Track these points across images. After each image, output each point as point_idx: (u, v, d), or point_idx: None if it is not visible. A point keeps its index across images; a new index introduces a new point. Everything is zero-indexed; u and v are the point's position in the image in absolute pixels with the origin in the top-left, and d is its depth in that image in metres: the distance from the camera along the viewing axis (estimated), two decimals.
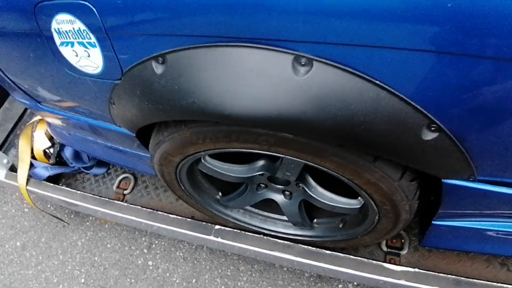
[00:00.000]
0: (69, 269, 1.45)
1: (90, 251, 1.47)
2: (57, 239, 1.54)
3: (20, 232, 1.61)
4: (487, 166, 0.59)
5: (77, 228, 1.55)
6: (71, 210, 1.58)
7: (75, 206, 1.25)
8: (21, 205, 1.70)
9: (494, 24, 0.39)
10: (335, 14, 0.43)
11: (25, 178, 1.28)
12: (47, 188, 1.28)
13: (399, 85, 0.48)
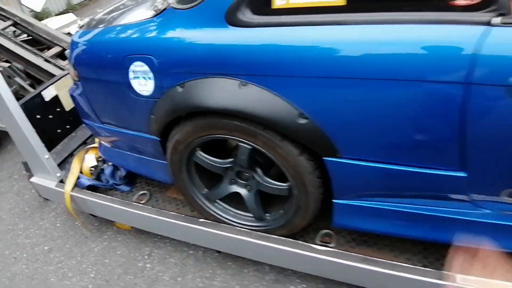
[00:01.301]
0: (83, 267, 1.92)
1: (103, 255, 1.96)
2: (78, 246, 2.05)
3: (50, 240, 2.12)
4: (349, 147, 1.16)
5: (96, 239, 2.06)
6: (94, 225, 2.11)
7: (103, 207, 1.81)
8: (55, 221, 2.26)
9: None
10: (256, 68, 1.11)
11: (71, 186, 1.89)
12: (86, 193, 1.87)
13: (285, 93, 1.13)
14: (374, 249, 1.45)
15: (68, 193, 1.85)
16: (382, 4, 0.99)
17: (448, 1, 0.94)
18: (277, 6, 1.09)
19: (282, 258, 1.47)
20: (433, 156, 1.07)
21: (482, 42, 0.89)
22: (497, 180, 1.07)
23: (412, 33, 0.96)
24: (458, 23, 0.92)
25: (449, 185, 1.12)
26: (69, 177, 1.87)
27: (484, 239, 1.14)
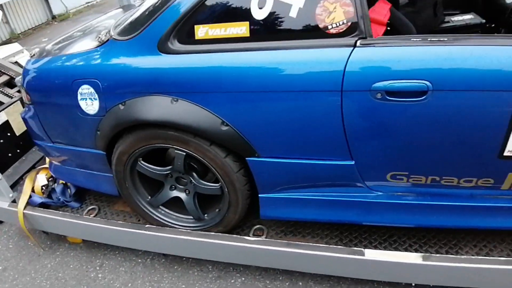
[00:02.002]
0: (37, 282, 2.04)
1: (56, 270, 2.08)
2: (32, 263, 2.16)
3: (3, 260, 2.22)
4: (266, 148, 1.46)
5: (49, 256, 2.19)
6: (46, 244, 2.24)
7: (55, 222, 1.97)
8: (7, 243, 2.36)
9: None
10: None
11: (24, 204, 2.04)
12: (38, 211, 2.03)
13: (208, 106, 1.41)
14: (299, 237, 1.73)
15: (21, 211, 1.99)
16: (276, 35, 1.32)
17: (325, 30, 1.28)
18: (199, 37, 1.40)
19: (221, 253, 1.70)
20: (328, 149, 1.39)
21: (349, 59, 1.23)
22: (378, 165, 1.40)
23: (300, 55, 1.29)
24: (332, 47, 1.27)
25: (344, 173, 1.43)
26: (21, 196, 2.02)
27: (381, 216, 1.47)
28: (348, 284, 1.71)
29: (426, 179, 1.40)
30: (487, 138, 1.25)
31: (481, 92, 1.18)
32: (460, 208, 1.45)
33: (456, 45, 1.21)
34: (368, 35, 1.24)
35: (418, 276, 1.53)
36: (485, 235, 1.63)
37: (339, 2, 1.24)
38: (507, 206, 1.42)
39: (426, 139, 1.29)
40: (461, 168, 1.34)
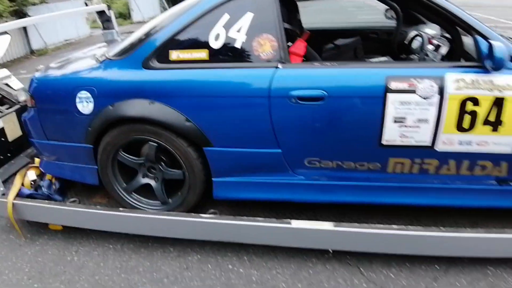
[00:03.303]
0: (18, 266, 2.47)
1: (36, 256, 2.52)
2: (13, 252, 2.59)
3: None
4: (218, 140, 2.10)
5: (29, 245, 2.65)
6: (27, 236, 2.71)
7: (41, 210, 2.49)
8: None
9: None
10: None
11: (13, 195, 2.56)
12: (26, 200, 2.55)
13: (176, 106, 2.07)
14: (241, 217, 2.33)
15: (11, 201, 2.50)
16: (227, 58, 2.03)
17: (258, 56, 2.01)
18: (172, 59, 2.09)
19: (180, 229, 2.23)
20: (262, 140, 2.05)
21: (274, 76, 1.95)
22: (298, 152, 2.07)
23: (242, 72, 2.00)
24: (263, 67, 1.99)
25: (274, 159, 2.09)
26: (12, 188, 2.54)
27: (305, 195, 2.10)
28: (283, 257, 2.21)
29: (332, 163, 2.08)
30: (368, 131, 1.95)
31: (359, 98, 1.90)
32: (361, 187, 2.11)
33: (343, 68, 1.96)
34: (286, 61, 1.98)
35: (332, 242, 2.11)
36: (385, 209, 2.29)
37: (268, 39, 1.99)
38: (396, 186, 2.08)
39: (327, 132, 1.98)
40: (355, 154, 2.03)
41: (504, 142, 1.94)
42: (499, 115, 1.87)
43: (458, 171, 2.04)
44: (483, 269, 2.04)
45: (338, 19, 12.56)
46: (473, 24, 1.93)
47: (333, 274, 2.05)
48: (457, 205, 2.15)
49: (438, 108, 1.87)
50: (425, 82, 1.85)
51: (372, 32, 3.24)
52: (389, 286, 1.96)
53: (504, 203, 2.11)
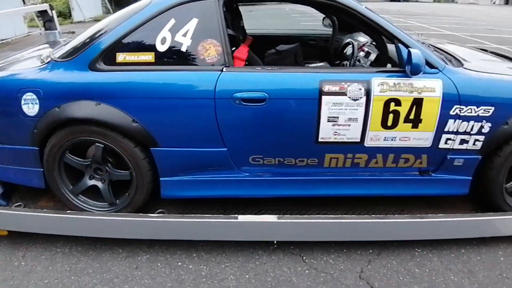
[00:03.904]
0: None
1: None
2: None
3: None
4: (165, 140, 2.18)
5: None
6: None
7: None
8: None
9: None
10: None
11: None
12: None
13: (122, 107, 2.12)
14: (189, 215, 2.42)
15: None
16: (173, 61, 2.12)
17: (204, 60, 2.12)
18: (118, 61, 2.15)
19: (129, 229, 2.26)
20: (208, 140, 2.17)
21: (219, 79, 2.07)
22: (242, 150, 2.20)
23: (188, 75, 2.11)
24: (208, 71, 2.11)
25: (220, 157, 2.21)
26: None
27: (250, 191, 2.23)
28: (231, 251, 2.31)
29: (275, 160, 2.24)
30: (306, 130, 2.14)
31: (297, 99, 2.08)
32: (301, 181, 2.29)
33: (282, 72, 2.13)
34: (230, 65, 2.11)
35: (276, 233, 2.27)
36: (323, 201, 2.49)
37: (212, 44, 2.11)
38: (332, 178, 2.29)
39: (269, 131, 2.14)
40: (294, 151, 2.21)
41: (424, 137, 2.21)
42: (419, 113, 2.13)
43: (385, 164, 2.29)
44: (411, 251, 2.29)
45: (282, 24, 12.97)
46: (395, 33, 2.18)
47: (278, 264, 2.19)
48: (386, 194, 2.41)
49: (366, 108, 2.09)
50: (354, 85, 2.07)
51: (311, 39, 3.48)
52: (329, 271, 2.14)
53: (426, 191, 2.40)
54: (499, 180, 2.34)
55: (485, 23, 18.85)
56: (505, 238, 2.38)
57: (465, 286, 2.06)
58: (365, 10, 2.17)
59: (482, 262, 2.23)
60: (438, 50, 2.63)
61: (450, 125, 2.17)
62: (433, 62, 2.16)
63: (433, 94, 2.10)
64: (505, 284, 2.07)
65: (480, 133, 2.22)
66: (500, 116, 2.19)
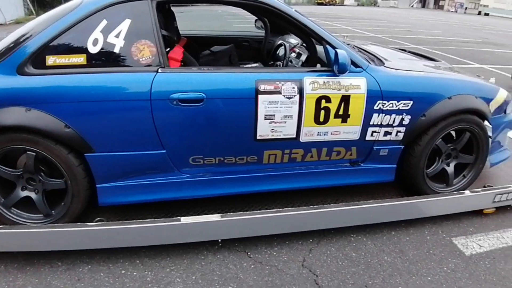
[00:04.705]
0: None
1: None
2: None
3: None
4: (100, 145, 2.13)
5: None
6: None
7: None
8: None
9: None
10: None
11: None
12: None
13: (54, 113, 2.04)
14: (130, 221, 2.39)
15: None
16: (106, 63, 2.08)
17: (138, 61, 2.11)
18: (48, 64, 2.06)
19: (67, 240, 2.17)
20: (146, 142, 2.16)
21: (154, 80, 2.07)
22: (181, 151, 2.22)
23: (123, 76, 2.08)
24: (143, 72, 2.10)
25: (159, 160, 2.21)
26: None
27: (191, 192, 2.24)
28: (175, 254, 2.31)
29: (215, 159, 2.29)
30: (244, 128, 2.21)
31: (234, 99, 2.15)
32: (242, 178, 2.36)
33: (219, 72, 2.19)
34: (166, 66, 2.13)
35: (220, 232, 2.32)
36: (264, 197, 2.58)
37: (146, 45, 2.11)
38: (271, 174, 2.39)
39: (208, 131, 2.19)
40: (234, 149, 2.28)
41: (352, 131, 2.39)
42: (347, 109, 2.31)
43: (319, 158, 2.45)
44: (347, 237, 2.47)
45: (215, 26, 13.03)
46: (323, 35, 2.34)
47: (223, 262, 2.24)
48: (322, 185, 2.58)
49: (299, 105, 2.23)
50: (288, 84, 2.19)
51: (245, 41, 3.58)
52: (274, 263, 2.23)
53: (357, 180, 2.61)
54: (420, 166, 2.60)
55: (404, 25, 20.49)
56: (430, 219, 2.66)
57: (398, 264, 2.27)
58: (294, 13, 2.30)
59: (411, 241, 2.47)
60: (361, 51, 2.85)
61: (374, 118, 2.37)
62: (357, 62, 2.35)
63: (358, 91, 2.29)
64: (432, 260, 2.32)
65: (402, 125, 2.45)
66: (418, 109, 2.44)
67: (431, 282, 2.16)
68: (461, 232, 2.60)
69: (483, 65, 9.64)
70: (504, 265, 2.32)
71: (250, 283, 2.08)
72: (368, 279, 2.15)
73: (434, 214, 2.63)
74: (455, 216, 2.72)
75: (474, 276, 2.22)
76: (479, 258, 2.37)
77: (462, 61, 9.88)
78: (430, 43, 13.26)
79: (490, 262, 2.34)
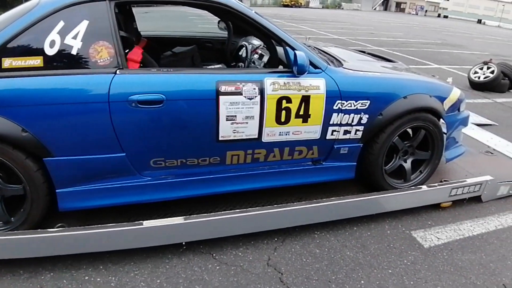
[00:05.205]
0: None
1: None
2: None
3: None
4: (59, 149, 2.07)
5: None
6: None
7: None
8: None
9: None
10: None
11: None
12: None
13: (10, 116, 1.96)
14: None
15: None
16: (64, 65, 2.03)
17: (96, 63, 2.08)
18: (4, 66, 1.99)
19: (28, 248, 2.10)
20: (105, 145, 2.13)
21: (112, 81, 2.05)
22: (142, 154, 2.21)
23: (81, 78, 2.04)
24: (101, 73, 2.07)
25: (119, 163, 2.19)
26: None
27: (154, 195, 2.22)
28: (139, 258, 2.29)
29: (177, 162, 2.29)
30: (206, 129, 2.23)
31: (195, 100, 2.16)
32: (205, 180, 2.37)
33: (179, 73, 2.19)
34: (124, 67, 2.11)
35: (184, 235, 2.31)
36: (228, 198, 2.60)
37: (104, 46, 2.08)
38: (235, 175, 2.41)
39: (169, 133, 2.18)
40: (196, 151, 2.28)
41: (313, 130, 2.46)
42: (307, 109, 2.37)
43: (282, 157, 2.49)
44: (311, 234, 2.53)
45: (180, 26, 12.93)
46: (283, 37, 2.39)
47: (188, 264, 2.24)
48: (285, 184, 2.63)
49: (261, 106, 2.27)
50: (249, 85, 2.23)
51: (208, 42, 3.59)
52: (239, 263, 2.25)
53: (319, 178, 2.68)
54: (378, 163, 2.70)
55: (367, 28, 21.09)
56: (390, 213, 2.78)
57: (360, 259, 2.35)
58: (254, 15, 2.34)
59: (372, 236, 2.56)
60: (322, 52, 2.93)
61: (334, 118, 2.45)
62: (316, 63, 2.42)
63: (318, 91, 2.36)
64: (392, 253, 2.42)
65: (360, 123, 2.54)
66: (375, 108, 2.54)
67: (392, 275, 2.25)
68: (420, 226, 2.72)
69: (441, 65, 10.09)
70: (461, 256, 2.45)
71: (216, 284, 2.10)
72: (331, 275, 2.22)
73: (394, 209, 2.74)
74: (414, 210, 2.84)
75: (432, 268, 2.33)
76: (437, 250, 2.49)
77: (421, 62, 10.30)
78: (391, 45, 13.74)
79: (448, 253, 2.46)
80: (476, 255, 2.47)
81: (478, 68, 7.28)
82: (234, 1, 2.33)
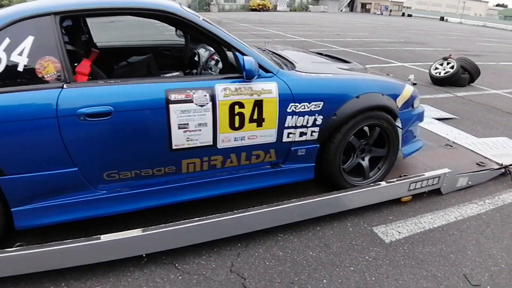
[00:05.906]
0: None
1: None
2: None
3: None
4: (10, 167, 2.02)
5: None
6: None
7: None
8: None
9: None
10: None
11: None
12: None
13: None
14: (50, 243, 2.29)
15: None
16: (10, 82, 1.98)
17: (42, 78, 2.04)
18: None
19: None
20: (56, 161, 2.09)
21: (60, 96, 2.02)
22: (94, 168, 2.18)
23: (28, 95, 1.99)
24: (48, 88, 2.03)
25: (72, 178, 2.15)
26: None
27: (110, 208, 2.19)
28: (101, 273, 2.25)
29: (131, 173, 2.27)
30: (158, 139, 2.22)
31: (144, 110, 2.15)
32: (162, 190, 2.35)
33: (126, 84, 2.18)
34: (71, 81, 2.08)
35: (144, 247, 2.29)
36: (187, 206, 2.60)
37: (50, 61, 2.05)
38: (192, 183, 2.40)
39: (119, 144, 2.17)
40: (150, 161, 2.27)
41: (269, 134, 2.49)
42: (261, 113, 2.40)
43: (239, 162, 2.51)
44: (275, 237, 2.55)
45: (146, 35, 12.82)
46: (232, 42, 2.42)
47: (151, 276, 2.23)
48: (245, 189, 2.64)
49: (213, 113, 2.28)
50: (199, 92, 2.24)
51: (166, 49, 3.58)
52: (202, 272, 2.26)
53: (279, 181, 2.71)
54: (336, 163, 2.76)
55: (333, 29, 21.49)
56: (352, 211, 2.84)
57: (322, 258, 2.38)
58: (201, 21, 2.35)
59: (335, 235, 2.61)
60: (276, 56, 2.97)
61: (289, 121, 2.49)
62: (268, 67, 2.45)
63: (270, 95, 2.39)
64: (355, 250, 2.47)
65: (315, 125, 2.59)
66: (329, 109, 2.59)
67: (354, 272, 2.29)
68: (381, 221, 2.79)
69: (405, 63, 10.39)
70: (422, 249, 2.52)
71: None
72: (294, 276, 2.24)
73: (356, 206, 2.80)
74: (376, 206, 2.91)
75: (394, 262, 2.39)
76: (398, 244, 2.55)
77: (385, 61, 10.58)
78: (357, 45, 14.06)
79: (409, 247, 2.53)
80: (437, 247, 2.54)
81: (438, 64, 7.54)
82: (179, 9, 2.34)
